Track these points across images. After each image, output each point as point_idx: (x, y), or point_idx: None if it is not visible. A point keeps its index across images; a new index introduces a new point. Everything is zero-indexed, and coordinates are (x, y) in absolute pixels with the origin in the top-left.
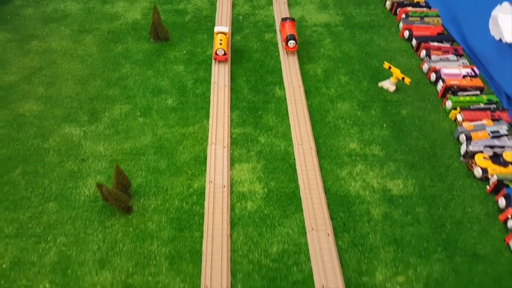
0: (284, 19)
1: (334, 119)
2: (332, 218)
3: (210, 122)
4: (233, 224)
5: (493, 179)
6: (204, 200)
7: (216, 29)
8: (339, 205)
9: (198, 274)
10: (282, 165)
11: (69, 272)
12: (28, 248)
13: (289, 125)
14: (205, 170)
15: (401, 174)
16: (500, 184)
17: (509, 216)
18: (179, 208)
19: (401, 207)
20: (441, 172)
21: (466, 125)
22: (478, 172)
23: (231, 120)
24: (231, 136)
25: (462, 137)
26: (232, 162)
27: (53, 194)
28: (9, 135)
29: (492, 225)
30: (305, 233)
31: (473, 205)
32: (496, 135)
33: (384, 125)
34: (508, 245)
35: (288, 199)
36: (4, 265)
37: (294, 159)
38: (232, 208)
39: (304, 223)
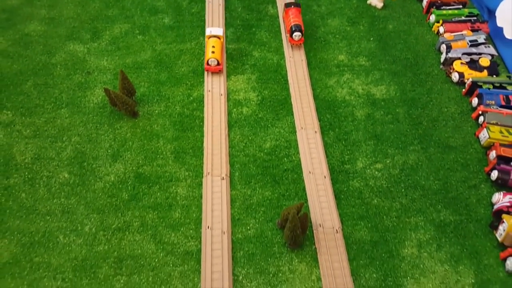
0: (288, 5)
1: (324, 34)
2: (319, 119)
3: (206, 38)
4: (230, 126)
5: (468, 81)
6: (203, 106)
7: (207, 31)
8: (326, 108)
9: (200, 165)
10: (275, 76)
11: (85, 165)
12: (46, 146)
13: (281, 41)
14: (203, 81)
15: (385, 81)
16: (474, 85)
17: (480, 113)
18: (181, 113)
19: (383, 108)
20: (422, 79)
21: (447, 36)
22: (455, 76)
23: (226, 36)
24: (226, 51)
25: (443, 47)
26: (228, 74)
27: (64, 102)
28: (18, 52)
29: (465, 122)
30: (295, 132)
31: (449, 105)
32: (474, 44)
33: (371, 39)
34: (477, 137)
35: (280, 105)
36: (26, 160)
37: (286, 70)
38: (229, 113)
39: (294, 124)
